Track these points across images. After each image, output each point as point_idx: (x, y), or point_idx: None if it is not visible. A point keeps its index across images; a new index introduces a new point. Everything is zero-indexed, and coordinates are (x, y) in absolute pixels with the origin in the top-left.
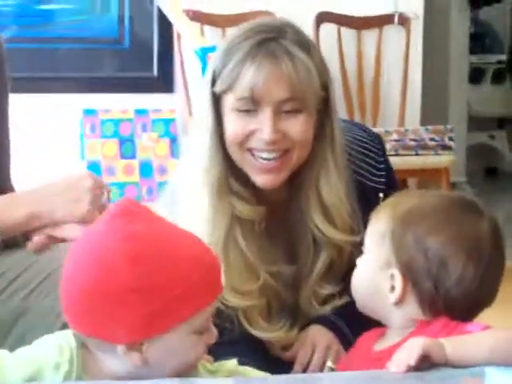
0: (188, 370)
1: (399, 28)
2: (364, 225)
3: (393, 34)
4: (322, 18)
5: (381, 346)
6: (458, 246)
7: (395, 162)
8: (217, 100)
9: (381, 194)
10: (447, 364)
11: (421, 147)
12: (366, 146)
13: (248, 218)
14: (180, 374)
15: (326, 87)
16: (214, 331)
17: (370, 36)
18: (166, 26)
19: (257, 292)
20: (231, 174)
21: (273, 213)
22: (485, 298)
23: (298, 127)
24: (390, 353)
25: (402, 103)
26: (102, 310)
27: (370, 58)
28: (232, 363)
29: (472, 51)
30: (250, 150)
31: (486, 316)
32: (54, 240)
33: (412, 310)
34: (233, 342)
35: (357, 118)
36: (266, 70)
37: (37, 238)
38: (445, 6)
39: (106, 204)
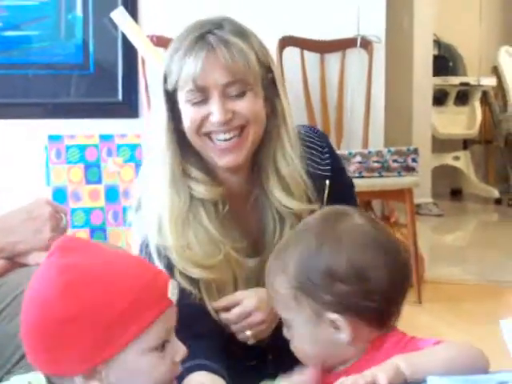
0: None
1: (362, 51)
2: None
3: (355, 57)
4: (286, 42)
5: None
6: (356, 249)
7: (359, 183)
8: (171, 97)
9: (327, 181)
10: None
11: (384, 169)
12: (311, 140)
13: (208, 199)
14: None
15: (269, 68)
16: (180, 348)
17: (333, 59)
18: (130, 51)
19: (221, 265)
20: (186, 161)
21: (236, 195)
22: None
23: (247, 105)
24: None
25: (365, 125)
26: (48, 346)
27: (334, 80)
28: None
29: (435, 73)
30: (207, 134)
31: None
32: (17, 264)
33: (365, 334)
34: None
35: None
36: (202, 59)
37: None
38: (408, 29)
39: (67, 227)
